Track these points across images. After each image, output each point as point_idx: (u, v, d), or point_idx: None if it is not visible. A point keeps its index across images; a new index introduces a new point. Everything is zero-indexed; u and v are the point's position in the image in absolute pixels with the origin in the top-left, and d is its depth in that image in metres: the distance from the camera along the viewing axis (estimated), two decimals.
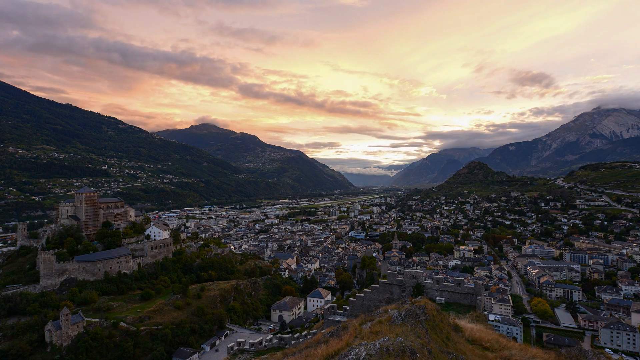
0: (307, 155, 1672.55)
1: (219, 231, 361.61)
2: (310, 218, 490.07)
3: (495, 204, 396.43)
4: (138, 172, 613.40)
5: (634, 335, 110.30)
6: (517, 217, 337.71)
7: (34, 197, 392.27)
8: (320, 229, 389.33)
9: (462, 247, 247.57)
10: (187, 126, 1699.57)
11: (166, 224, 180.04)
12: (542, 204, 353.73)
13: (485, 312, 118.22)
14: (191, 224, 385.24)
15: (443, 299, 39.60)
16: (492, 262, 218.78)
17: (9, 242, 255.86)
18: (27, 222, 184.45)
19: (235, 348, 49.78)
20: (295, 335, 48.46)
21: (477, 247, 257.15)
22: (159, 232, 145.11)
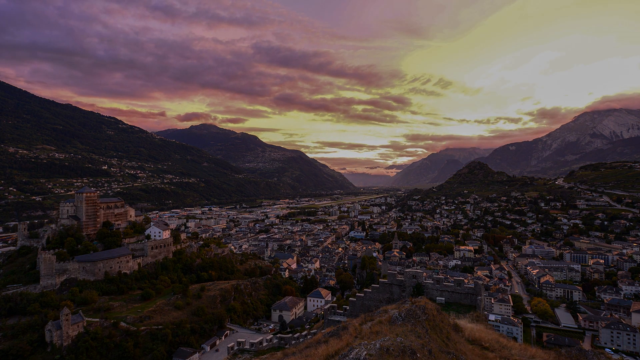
0: (308, 155, 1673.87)
1: (219, 231, 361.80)
2: (311, 218, 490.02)
3: (496, 204, 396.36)
4: (138, 172, 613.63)
5: (634, 335, 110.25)
6: (517, 217, 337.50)
7: (34, 197, 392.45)
8: (321, 229, 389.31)
9: (462, 247, 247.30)
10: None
11: (166, 224, 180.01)
12: (542, 204, 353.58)
13: (486, 312, 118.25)
14: (191, 224, 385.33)
15: (443, 298, 39.61)
16: (492, 262, 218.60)
17: (9, 242, 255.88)
18: (28, 222, 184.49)
19: (236, 348, 49.84)
20: (296, 335, 48.52)
21: (477, 247, 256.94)
22: (159, 232, 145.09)
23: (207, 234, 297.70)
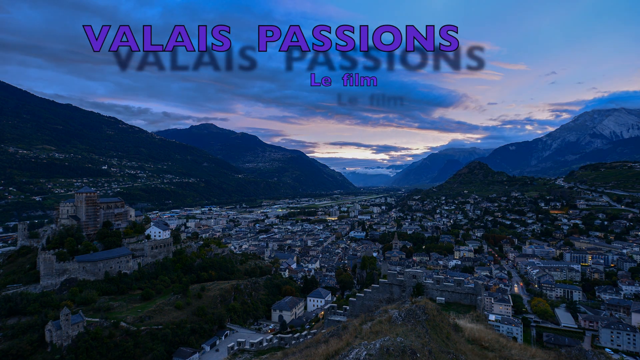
0: (308, 155, 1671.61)
1: (219, 231, 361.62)
2: (311, 218, 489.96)
3: (496, 204, 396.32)
4: (138, 172, 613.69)
5: (634, 335, 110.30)
6: (517, 217, 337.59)
7: (34, 197, 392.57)
8: (321, 229, 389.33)
9: (462, 247, 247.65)
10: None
11: (166, 224, 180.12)
12: (542, 204, 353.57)
13: (486, 312, 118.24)
14: (191, 224, 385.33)
15: (443, 298, 39.59)
16: (492, 262, 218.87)
17: (9, 242, 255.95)
18: (28, 222, 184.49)
19: (236, 348, 49.81)
20: (296, 335, 48.49)
21: (477, 247, 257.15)
22: (159, 232, 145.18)
23: (207, 234, 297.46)
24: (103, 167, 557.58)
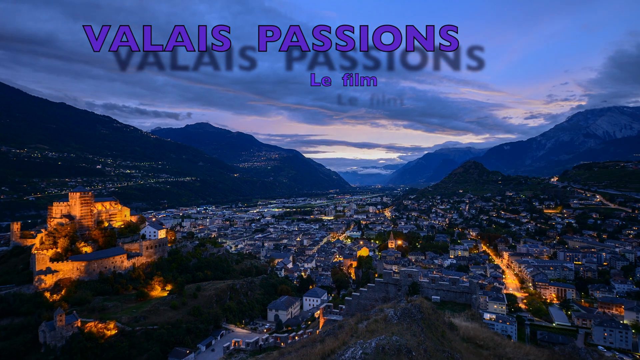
0: (304, 154, 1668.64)
1: (215, 230, 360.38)
2: (306, 217, 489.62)
3: (490, 203, 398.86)
4: (133, 171, 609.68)
5: (626, 333, 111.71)
6: (512, 216, 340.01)
7: (27, 197, 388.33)
8: (317, 229, 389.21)
9: (457, 246, 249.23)
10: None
11: (161, 224, 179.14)
12: (537, 203, 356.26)
13: (480, 311, 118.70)
14: (187, 223, 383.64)
15: (438, 297, 39.81)
16: (487, 261, 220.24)
17: (2, 242, 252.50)
18: (21, 221, 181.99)
19: (231, 348, 49.76)
20: (292, 335, 48.53)
21: (472, 246, 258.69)
22: (154, 232, 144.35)
23: (203, 234, 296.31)
24: (97, 167, 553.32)
